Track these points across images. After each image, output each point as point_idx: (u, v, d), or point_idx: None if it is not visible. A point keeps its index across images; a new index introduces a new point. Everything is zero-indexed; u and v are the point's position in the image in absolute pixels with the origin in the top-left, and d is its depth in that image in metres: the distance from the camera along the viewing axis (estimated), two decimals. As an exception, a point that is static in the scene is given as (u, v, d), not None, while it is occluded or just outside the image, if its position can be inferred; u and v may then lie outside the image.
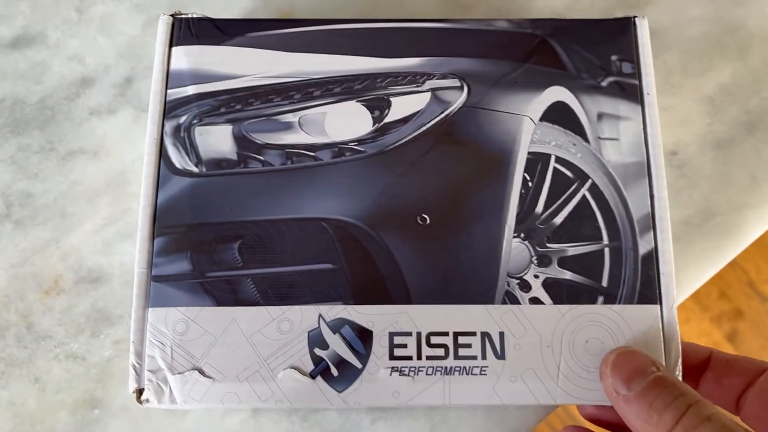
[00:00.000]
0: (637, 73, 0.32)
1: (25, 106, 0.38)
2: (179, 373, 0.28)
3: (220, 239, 0.30)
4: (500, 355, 0.29)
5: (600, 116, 0.32)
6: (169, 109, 0.32)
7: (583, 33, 0.33)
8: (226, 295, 0.29)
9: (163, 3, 0.39)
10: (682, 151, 0.37)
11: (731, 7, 0.38)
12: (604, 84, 0.32)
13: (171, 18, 0.33)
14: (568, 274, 0.30)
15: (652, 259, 0.30)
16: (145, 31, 0.38)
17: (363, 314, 0.29)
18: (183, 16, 0.33)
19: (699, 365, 0.30)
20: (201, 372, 0.28)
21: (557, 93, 0.32)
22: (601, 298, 0.29)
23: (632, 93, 0.32)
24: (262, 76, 0.32)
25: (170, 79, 0.32)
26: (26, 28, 0.39)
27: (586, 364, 0.29)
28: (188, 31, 0.33)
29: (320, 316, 0.29)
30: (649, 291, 0.30)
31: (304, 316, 0.29)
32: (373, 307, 0.29)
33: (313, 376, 0.28)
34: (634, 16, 0.33)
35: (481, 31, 0.33)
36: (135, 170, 0.37)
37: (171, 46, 0.33)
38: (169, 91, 0.32)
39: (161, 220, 0.30)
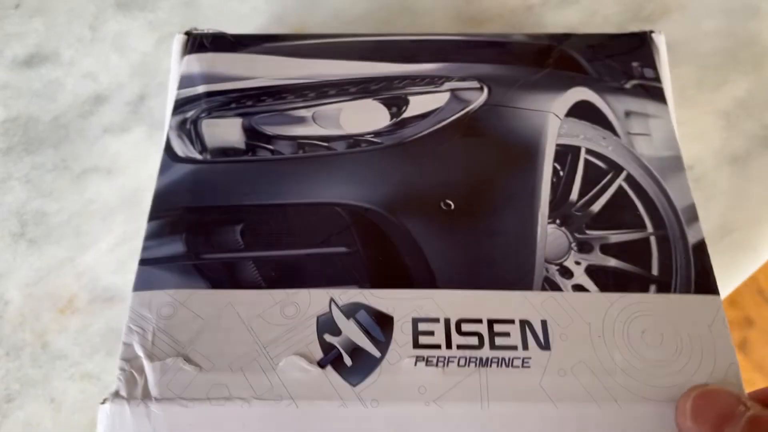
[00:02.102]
0: (659, 78, 0.31)
1: (39, 124, 0.37)
2: (159, 360, 0.23)
3: (220, 221, 0.27)
4: (544, 346, 0.24)
5: (628, 114, 0.30)
6: (177, 106, 0.30)
7: (602, 45, 0.33)
8: (223, 277, 0.25)
9: (175, 20, 0.39)
10: (698, 166, 0.35)
11: (745, 21, 0.39)
12: (627, 86, 0.31)
13: (185, 36, 0.33)
14: (613, 261, 0.26)
15: (703, 248, 0.27)
16: (158, 48, 0.38)
17: (381, 298, 0.25)
18: (197, 32, 0.33)
19: None
20: (186, 359, 0.23)
21: (581, 93, 0.31)
22: (653, 287, 0.26)
23: (658, 94, 0.31)
24: (276, 78, 0.31)
25: (181, 82, 0.31)
26: (40, 47, 0.39)
27: (646, 356, 0.24)
28: (202, 44, 0.33)
29: (332, 299, 0.25)
30: (705, 281, 0.26)
31: (313, 300, 0.25)
32: (393, 291, 0.25)
33: (322, 365, 0.24)
34: (651, 31, 0.33)
35: (499, 42, 0.33)
36: (149, 188, 0.35)
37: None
38: (178, 91, 0.31)
39: (156, 205, 0.27)
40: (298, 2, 0.41)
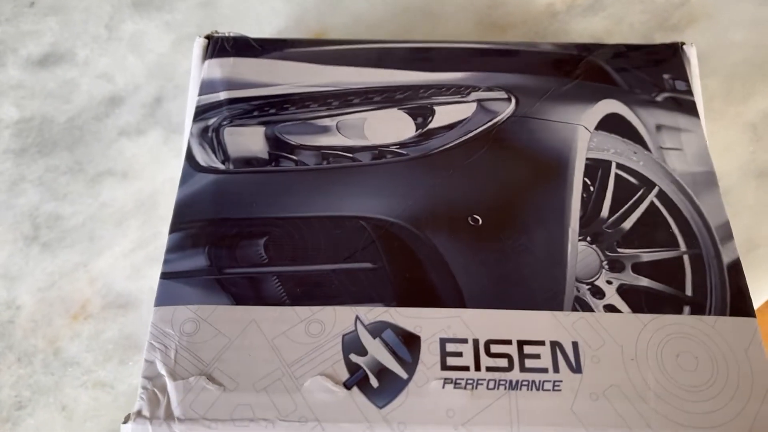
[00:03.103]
0: (691, 91, 0.31)
1: (53, 125, 0.36)
2: (182, 379, 0.23)
3: (243, 234, 0.26)
4: (576, 369, 0.24)
5: (659, 127, 0.29)
6: (198, 113, 0.30)
7: (632, 56, 0.32)
8: (247, 293, 0.25)
9: (192, 20, 0.39)
10: (724, 180, 0.35)
11: None
12: (659, 99, 0.30)
13: (206, 40, 0.32)
14: (645, 281, 0.26)
15: (739, 268, 0.26)
16: (176, 49, 0.38)
17: (408, 317, 0.24)
18: (218, 35, 0.33)
19: None
20: (210, 378, 0.23)
21: (611, 105, 0.30)
22: (687, 308, 0.25)
23: (690, 108, 0.30)
24: (299, 85, 0.31)
25: (201, 87, 0.31)
26: (55, 45, 0.38)
27: (681, 381, 0.23)
28: (223, 47, 0.32)
29: (357, 318, 0.24)
30: (741, 302, 0.25)
31: (338, 318, 0.24)
32: (420, 310, 0.25)
33: (348, 386, 0.23)
34: (682, 43, 0.32)
35: (526, 51, 0.32)
36: (165, 192, 0.34)
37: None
38: (199, 97, 0.30)
39: (177, 216, 0.27)
40: (317, 4, 0.40)
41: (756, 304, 0.35)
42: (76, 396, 0.32)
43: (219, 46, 0.32)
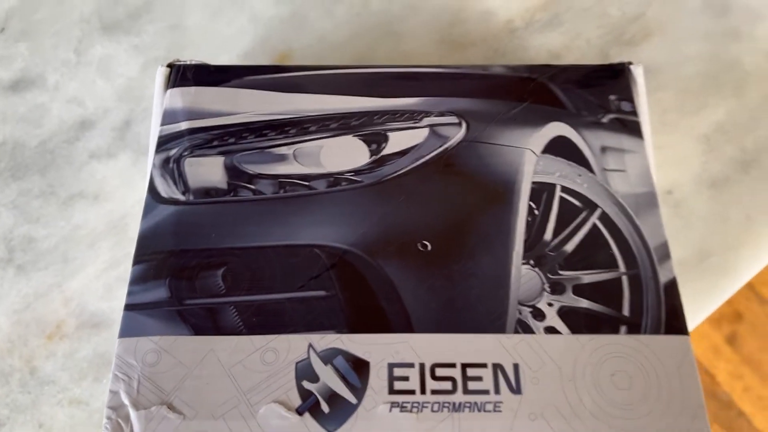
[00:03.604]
0: (636, 112, 0.32)
1: (25, 149, 0.37)
2: (144, 409, 0.24)
3: (202, 266, 0.27)
4: (516, 390, 0.25)
5: (603, 149, 0.31)
6: (160, 143, 0.31)
7: (580, 76, 0.33)
8: (206, 323, 0.26)
9: (161, 44, 0.40)
10: (677, 191, 0.36)
11: (727, 45, 0.39)
12: (604, 120, 0.31)
13: (168, 68, 0.33)
14: (585, 303, 0.27)
15: (674, 288, 0.27)
16: (144, 73, 0.39)
17: (358, 344, 0.26)
18: (180, 62, 0.34)
19: None
20: (170, 407, 0.24)
21: (558, 128, 0.31)
22: (623, 328, 0.26)
23: (634, 129, 0.31)
24: (257, 113, 0.32)
25: (164, 117, 0.32)
26: (25, 71, 0.39)
27: (615, 400, 0.25)
28: (185, 75, 0.33)
29: (310, 345, 0.26)
30: (675, 321, 0.27)
31: (292, 346, 0.26)
32: (370, 336, 0.26)
33: (300, 412, 0.24)
34: (629, 63, 0.33)
35: (478, 74, 0.33)
36: (135, 214, 0.36)
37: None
38: (161, 127, 0.31)
39: (140, 248, 0.28)
40: (283, 25, 0.41)
41: (708, 310, 0.36)
42: (53, 414, 0.33)
43: (181, 75, 0.33)
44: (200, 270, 0.27)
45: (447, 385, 0.25)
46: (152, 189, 0.29)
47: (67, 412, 0.33)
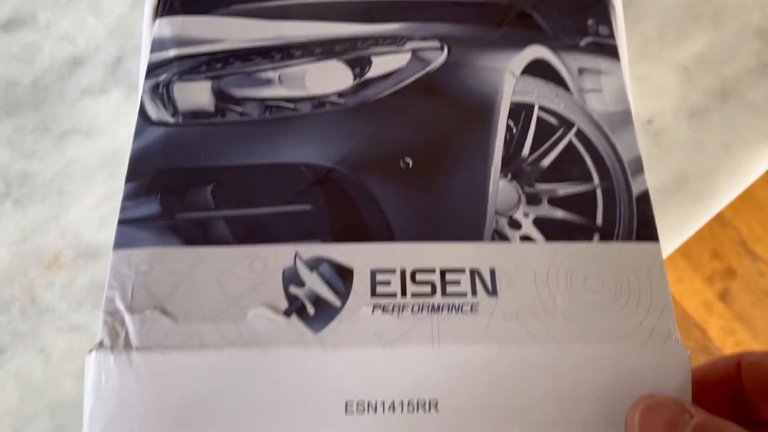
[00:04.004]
0: (614, 36, 0.33)
1: (18, 87, 0.38)
2: (138, 313, 0.26)
3: (192, 182, 0.28)
4: (492, 292, 0.26)
5: (581, 71, 0.32)
6: (150, 70, 0.32)
7: (559, 3, 0.34)
8: (196, 235, 0.27)
9: (150, -19, 0.40)
10: (657, 120, 0.37)
11: None
12: (582, 44, 0.32)
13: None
14: (560, 213, 0.28)
15: (647, 199, 0.29)
16: (134, 9, 0.39)
17: (342, 252, 0.27)
18: (168, -7, 0.34)
19: (732, 380, 0.27)
20: (163, 311, 0.26)
21: (536, 51, 0.32)
22: (596, 236, 0.28)
23: (611, 51, 0.32)
24: (244, 40, 0.32)
25: (153, 45, 0.32)
26: (16, 11, 0.39)
27: (586, 301, 0.26)
28: (172, 5, 0.34)
29: (296, 254, 0.27)
30: (647, 229, 0.28)
31: (279, 255, 0.27)
32: (354, 245, 0.27)
33: (287, 314, 0.26)
34: (607, -11, 0.34)
35: (461, 1, 0.34)
36: (128, 148, 0.36)
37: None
38: (151, 55, 0.32)
39: (132, 167, 0.29)
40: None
41: (687, 234, 0.37)
42: (53, 340, 0.35)
43: (168, 5, 0.34)
44: (190, 186, 0.28)
45: (426, 289, 0.26)
46: (143, 112, 0.30)
47: (66, 337, 0.35)
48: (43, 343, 0.35)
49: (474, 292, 0.26)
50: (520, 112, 0.30)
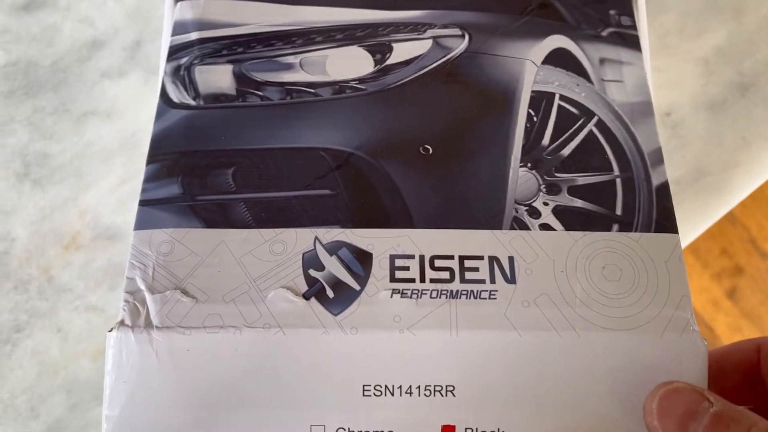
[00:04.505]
0: (636, 26, 0.32)
1: (38, 68, 0.38)
2: (159, 293, 0.26)
3: (213, 165, 0.29)
4: (510, 280, 0.26)
5: (602, 61, 0.31)
6: (171, 53, 0.32)
7: (581, -7, 0.34)
8: (217, 217, 0.27)
9: (171, -36, 0.40)
10: (675, 112, 0.37)
11: None
12: (604, 34, 0.32)
13: (178, -18, 0.34)
14: (579, 202, 0.28)
15: (666, 190, 0.29)
16: (153, -7, 0.39)
17: (362, 237, 0.27)
18: (190, -23, 0.34)
19: (750, 364, 0.27)
20: (183, 292, 0.26)
21: (558, 41, 0.32)
22: (616, 226, 0.28)
23: (633, 42, 0.32)
24: (265, 25, 0.32)
25: (174, 28, 0.32)
26: (37, -8, 0.40)
27: (605, 290, 0.26)
28: (194, -11, 0.34)
29: (316, 238, 0.27)
30: (666, 220, 0.28)
31: (299, 239, 0.27)
32: (373, 230, 0.27)
33: (306, 297, 0.26)
34: (630, -21, 0.34)
35: (482, -11, 0.34)
36: (146, 131, 0.37)
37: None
38: (172, 38, 0.32)
39: (153, 149, 0.29)
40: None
41: (704, 226, 0.37)
42: (70, 319, 0.35)
43: (190, -11, 0.34)
44: (211, 169, 0.28)
45: (445, 275, 0.26)
46: (164, 95, 0.30)
47: (83, 317, 0.35)
48: (60, 322, 0.35)
49: (492, 279, 0.26)
50: (540, 101, 0.30)
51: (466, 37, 0.32)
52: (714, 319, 1.05)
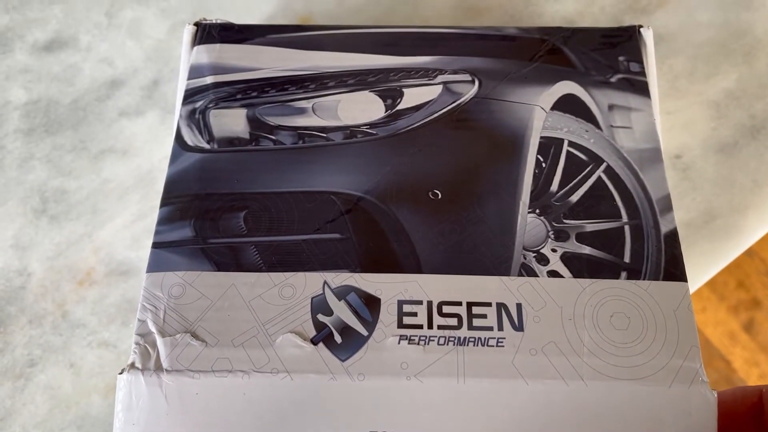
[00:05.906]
0: (644, 73, 0.33)
1: (59, 107, 0.39)
2: (169, 336, 0.26)
3: (225, 208, 0.29)
4: (518, 327, 0.26)
5: (611, 107, 0.32)
6: (186, 96, 0.32)
7: (590, 39, 0.34)
8: (228, 260, 0.28)
9: (187, 7, 0.41)
10: (686, 155, 0.37)
11: (739, 12, 0.40)
12: (613, 80, 0.33)
13: (194, 27, 0.35)
14: (587, 249, 0.28)
15: (675, 237, 0.29)
16: (171, 35, 0.40)
17: (370, 282, 0.27)
18: (206, 22, 0.35)
19: (751, 410, 0.27)
20: (194, 335, 0.26)
21: (567, 86, 0.32)
22: (624, 274, 0.28)
23: (642, 88, 0.32)
24: (279, 69, 0.33)
25: (190, 72, 0.33)
26: (59, 32, 0.41)
27: (613, 339, 0.26)
28: (210, 33, 0.35)
29: (325, 282, 0.27)
30: (675, 268, 0.28)
31: (308, 283, 0.27)
32: (382, 275, 0.27)
33: (314, 342, 0.26)
34: (639, 26, 0.34)
35: (492, 35, 0.34)
36: (162, 169, 0.38)
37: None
38: (188, 81, 0.33)
39: (167, 191, 0.30)
40: (304, -10, 0.42)
41: (713, 271, 0.37)
42: (83, 354, 0.35)
43: (206, 33, 0.35)
44: (223, 212, 0.29)
45: (453, 322, 0.27)
46: (179, 138, 0.31)
47: (96, 353, 0.35)
48: (73, 357, 0.35)
49: (500, 326, 0.26)
50: (549, 147, 0.31)
51: (476, 82, 0.32)
52: (731, 352, 1.04)
